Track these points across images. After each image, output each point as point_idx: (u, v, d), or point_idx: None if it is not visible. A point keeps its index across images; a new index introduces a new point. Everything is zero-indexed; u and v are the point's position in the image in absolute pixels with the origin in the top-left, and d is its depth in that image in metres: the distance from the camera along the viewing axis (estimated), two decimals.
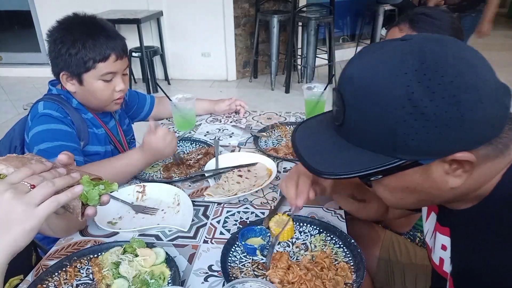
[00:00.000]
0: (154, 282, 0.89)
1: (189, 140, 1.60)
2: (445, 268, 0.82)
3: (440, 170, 0.63)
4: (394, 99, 0.58)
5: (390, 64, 0.60)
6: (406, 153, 0.61)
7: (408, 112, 0.58)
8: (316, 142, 0.73)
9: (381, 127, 0.61)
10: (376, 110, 0.60)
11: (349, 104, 0.64)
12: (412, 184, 0.66)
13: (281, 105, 4.41)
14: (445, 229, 0.80)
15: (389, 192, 0.71)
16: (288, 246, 1.03)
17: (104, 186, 0.78)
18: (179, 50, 5.15)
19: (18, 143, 1.41)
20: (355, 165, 0.64)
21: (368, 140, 0.64)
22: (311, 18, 4.51)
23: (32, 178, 0.69)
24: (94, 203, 0.77)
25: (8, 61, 5.62)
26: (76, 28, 1.29)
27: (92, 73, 1.30)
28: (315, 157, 0.69)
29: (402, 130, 0.59)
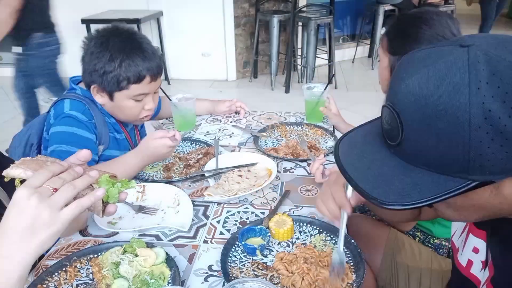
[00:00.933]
0: (154, 282, 0.89)
1: (189, 140, 1.60)
2: (472, 271, 0.80)
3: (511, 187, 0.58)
4: (469, 120, 0.53)
5: (458, 78, 0.54)
6: (480, 174, 0.55)
7: (484, 132, 0.52)
8: (370, 165, 0.65)
9: (451, 149, 0.55)
10: (445, 130, 0.55)
11: (409, 124, 0.58)
12: (481, 202, 0.61)
13: (281, 105, 4.40)
14: (481, 232, 0.77)
15: (453, 211, 0.66)
16: (288, 246, 1.03)
17: (121, 183, 0.79)
18: (179, 50, 5.15)
19: (35, 141, 1.41)
20: (423, 192, 0.57)
21: (434, 162, 0.58)
22: (311, 18, 4.51)
23: (52, 181, 0.70)
24: (114, 201, 0.79)
25: (8, 61, 5.61)
26: (114, 43, 1.27)
27: (124, 92, 1.30)
28: (374, 184, 0.62)
29: (477, 152, 0.54)
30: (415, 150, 0.59)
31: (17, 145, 1.42)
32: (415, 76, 0.58)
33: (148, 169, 1.41)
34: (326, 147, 1.55)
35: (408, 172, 0.60)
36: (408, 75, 0.59)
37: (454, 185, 0.56)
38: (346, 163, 0.67)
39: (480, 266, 0.78)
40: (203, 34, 5.00)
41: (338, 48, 5.73)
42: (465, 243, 0.83)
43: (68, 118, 1.29)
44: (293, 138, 1.62)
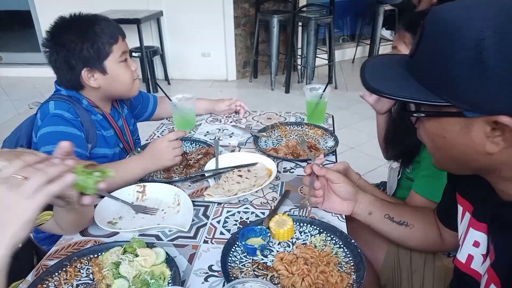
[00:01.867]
0: (154, 282, 0.89)
1: (189, 140, 1.60)
2: (473, 266, 0.80)
3: (481, 131, 0.62)
4: (463, 39, 0.58)
5: (477, 5, 0.60)
6: (453, 97, 0.61)
7: (470, 56, 0.57)
8: (384, 69, 0.75)
9: (439, 63, 0.62)
10: (442, 44, 0.61)
11: (425, 36, 0.66)
12: (450, 135, 0.66)
13: (281, 105, 4.41)
14: (481, 225, 0.78)
15: (428, 137, 0.72)
16: (288, 246, 1.03)
17: (100, 173, 0.78)
18: (179, 50, 5.15)
19: (24, 142, 1.41)
20: (403, 92, 0.66)
21: (425, 75, 0.65)
22: (311, 18, 4.51)
23: (24, 170, 0.69)
24: (91, 192, 0.77)
25: (8, 61, 5.62)
26: (78, 25, 1.32)
27: (111, 57, 1.35)
28: (375, 78, 0.72)
29: (457, 72, 0.59)
30: (418, 63, 0.67)
31: (7, 148, 1.42)
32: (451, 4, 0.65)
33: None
34: (326, 147, 1.55)
35: (405, 80, 0.69)
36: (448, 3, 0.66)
37: (429, 97, 0.64)
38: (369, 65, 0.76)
39: (481, 259, 0.78)
40: (203, 34, 5.00)
41: (338, 48, 5.74)
42: (465, 239, 0.83)
43: (54, 118, 1.30)
44: (293, 138, 1.62)
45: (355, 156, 3.11)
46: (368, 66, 0.76)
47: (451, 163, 0.73)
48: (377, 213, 1.07)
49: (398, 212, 1.07)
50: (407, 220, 1.06)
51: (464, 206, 0.87)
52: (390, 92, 0.67)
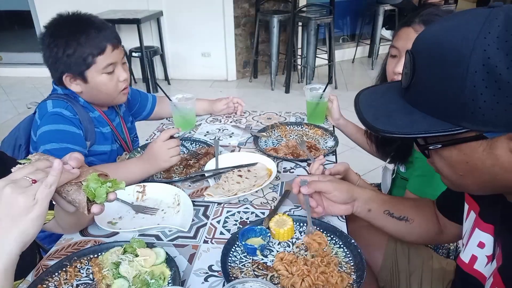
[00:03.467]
0: (154, 282, 0.89)
1: (189, 140, 1.60)
2: (476, 266, 0.79)
3: (505, 147, 0.60)
4: (468, 61, 0.56)
5: (471, 26, 0.57)
6: (471, 122, 0.58)
7: (480, 78, 0.55)
8: (380, 104, 0.72)
9: (448, 91, 0.58)
10: (446, 72, 0.58)
11: (420, 67, 0.63)
12: (474, 160, 0.63)
13: (281, 105, 4.41)
14: (488, 226, 0.77)
15: (448, 167, 0.68)
16: (288, 246, 1.03)
17: (111, 184, 0.79)
18: (179, 50, 5.15)
19: (23, 141, 1.41)
20: (416, 128, 0.63)
21: (433, 105, 0.62)
22: (311, 18, 4.51)
23: (34, 173, 0.72)
24: (101, 201, 0.79)
25: (8, 61, 5.63)
26: (64, 28, 1.29)
27: (93, 68, 1.30)
28: (377, 117, 0.68)
29: (470, 96, 0.56)
30: (420, 94, 0.64)
31: (6, 148, 1.42)
32: (435, 26, 0.63)
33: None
34: (326, 147, 1.55)
35: (410, 113, 0.65)
36: (435, 22, 0.65)
37: (445, 127, 0.60)
38: (363, 101, 0.74)
39: (485, 260, 0.78)
40: (203, 34, 5.00)
41: (338, 48, 5.74)
42: (469, 239, 0.82)
43: (53, 116, 1.30)
44: (293, 138, 1.62)
45: (355, 156, 3.11)
46: (362, 104, 0.73)
47: (475, 186, 0.70)
48: (377, 209, 1.06)
49: (397, 207, 1.06)
50: (407, 215, 1.05)
51: (470, 205, 0.86)
52: (401, 131, 0.64)
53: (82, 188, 0.78)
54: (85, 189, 0.78)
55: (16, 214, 0.67)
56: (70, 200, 0.79)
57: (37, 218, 0.69)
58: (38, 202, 0.69)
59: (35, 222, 0.69)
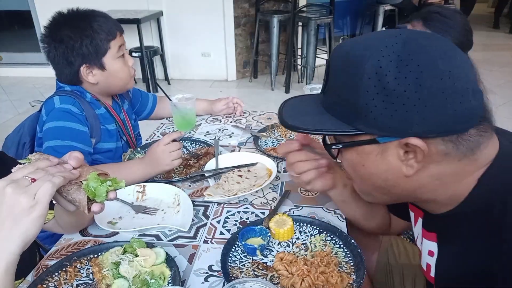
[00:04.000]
0: (154, 282, 0.89)
1: (189, 140, 1.60)
2: (432, 274, 0.81)
3: (395, 154, 0.65)
4: (364, 69, 0.62)
5: (375, 40, 0.64)
6: (365, 125, 0.64)
7: (372, 84, 0.61)
8: (301, 107, 0.78)
9: (347, 95, 0.65)
10: (347, 77, 0.65)
11: (331, 71, 0.69)
12: (369, 163, 0.69)
13: None
14: (431, 235, 0.80)
15: (350, 168, 0.75)
16: (288, 246, 1.03)
17: (111, 182, 0.79)
18: (179, 50, 5.14)
19: (27, 139, 1.42)
20: (318, 126, 0.70)
21: (338, 108, 0.68)
22: (311, 18, 4.51)
23: (34, 172, 0.72)
24: (101, 200, 0.79)
25: (8, 61, 5.62)
26: (76, 21, 1.32)
27: (109, 53, 1.36)
28: (293, 116, 0.75)
29: (364, 100, 0.62)
30: (329, 97, 0.71)
31: (10, 145, 1.43)
32: (352, 40, 0.70)
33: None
34: None
35: (321, 115, 0.72)
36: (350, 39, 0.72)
37: (344, 127, 0.67)
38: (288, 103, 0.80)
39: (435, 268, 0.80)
40: (203, 34, 5.00)
41: None
42: (422, 248, 0.85)
43: (60, 112, 1.31)
44: (293, 138, 1.62)
45: None
46: (286, 105, 0.79)
47: (376, 192, 0.76)
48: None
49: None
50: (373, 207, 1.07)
51: (416, 212, 0.89)
52: (306, 127, 0.71)
53: (82, 187, 0.78)
54: (85, 188, 0.78)
55: (17, 214, 0.67)
56: (70, 199, 0.79)
57: (38, 218, 0.69)
58: (39, 202, 0.69)
59: (36, 222, 0.69)
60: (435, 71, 0.59)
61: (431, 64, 0.60)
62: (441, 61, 0.60)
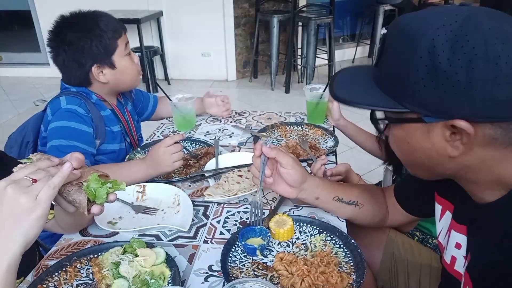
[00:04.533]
0: (154, 282, 0.88)
1: (189, 140, 1.60)
2: (456, 267, 0.81)
3: (440, 135, 0.64)
4: (417, 46, 0.60)
5: (434, 16, 0.62)
6: (412, 103, 0.64)
7: (423, 63, 0.60)
8: (353, 77, 0.78)
9: (398, 71, 0.64)
10: (400, 53, 0.63)
11: (387, 45, 0.68)
12: (414, 141, 0.69)
13: (281, 105, 4.40)
14: (461, 227, 0.79)
15: (395, 144, 0.75)
16: (288, 246, 1.03)
17: (112, 184, 0.79)
18: (179, 50, 5.15)
19: (31, 139, 1.42)
20: (366, 100, 0.69)
21: (387, 83, 0.67)
22: (311, 18, 4.51)
23: (35, 173, 0.72)
24: (102, 201, 0.79)
25: (8, 61, 5.62)
26: (81, 22, 1.34)
27: (118, 52, 1.38)
28: (342, 87, 0.74)
29: (413, 79, 0.61)
30: (381, 71, 0.70)
31: (13, 144, 1.43)
32: (412, 13, 0.67)
33: None
34: (326, 147, 1.55)
35: (370, 88, 0.71)
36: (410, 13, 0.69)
37: (391, 104, 0.66)
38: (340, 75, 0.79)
39: (462, 261, 0.79)
40: (203, 34, 5.00)
41: (338, 48, 5.73)
42: (449, 240, 0.84)
43: (66, 113, 1.31)
44: (293, 138, 1.62)
45: (355, 156, 3.11)
46: (338, 76, 0.78)
47: (419, 168, 0.75)
48: (325, 196, 1.05)
49: (347, 193, 1.06)
50: (357, 200, 1.06)
51: (444, 205, 0.88)
52: (355, 100, 0.70)
53: (82, 188, 0.78)
54: (86, 189, 0.78)
55: (18, 214, 0.68)
56: (70, 200, 0.79)
57: (39, 218, 0.69)
58: (41, 202, 0.69)
59: (37, 222, 0.69)
60: (491, 55, 0.57)
61: (488, 47, 0.57)
62: (499, 45, 0.57)
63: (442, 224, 0.89)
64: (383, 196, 1.12)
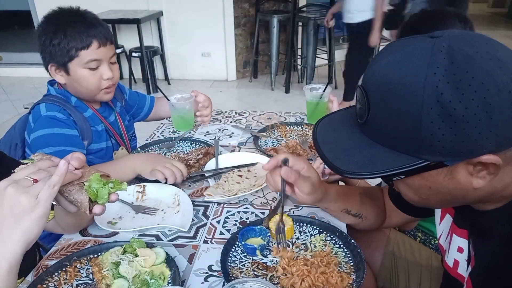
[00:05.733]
0: (154, 282, 0.89)
1: (189, 140, 1.60)
2: (459, 271, 0.81)
3: (465, 172, 0.62)
4: (422, 99, 0.56)
5: (418, 62, 0.58)
6: (431, 154, 0.59)
7: (436, 113, 0.56)
8: (338, 139, 0.72)
9: (406, 127, 0.59)
10: (402, 109, 0.59)
11: (374, 102, 0.63)
12: (436, 185, 0.65)
13: (281, 105, 4.41)
14: (462, 231, 0.79)
15: (412, 192, 0.70)
16: (288, 246, 1.03)
17: (113, 184, 0.80)
18: (179, 50, 5.15)
19: (18, 140, 1.42)
20: (378, 165, 0.63)
21: (393, 140, 0.62)
22: (311, 18, 4.52)
23: (35, 173, 0.72)
24: (103, 201, 0.79)
25: (8, 61, 5.63)
26: (57, 19, 1.32)
27: (76, 61, 1.31)
28: (337, 154, 0.68)
29: (428, 131, 0.57)
30: (377, 128, 0.64)
31: (2, 148, 1.43)
32: (383, 60, 0.63)
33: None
34: None
35: (369, 148, 0.65)
36: (381, 57, 0.65)
37: (407, 162, 0.61)
38: (320, 136, 0.74)
39: (465, 265, 0.79)
40: (203, 34, 5.00)
41: (338, 48, 5.72)
42: (450, 244, 0.84)
43: (46, 120, 1.31)
44: (293, 138, 1.62)
45: None
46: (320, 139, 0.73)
47: (435, 204, 0.74)
48: (335, 208, 1.06)
49: (355, 205, 1.07)
50: (362, 212, 1.07)
51: (443, 209, 0.88)
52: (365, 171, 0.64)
53: (84, 188, 0.78)
54: (87, 189, 0.78)
55: (19, 214, 0.68)
56: (72, 199, 0.79)
57: (40, 217, 0.69)
58: (41, 202, 0.69)
59: (38, 221, 0.69)
60: (500, 84, 0.55)
61: (494, 78, 0.55)
62: (500, 71, 0.55)
63: (442, 227, 0.89)
64: (383, 198, 1.12)
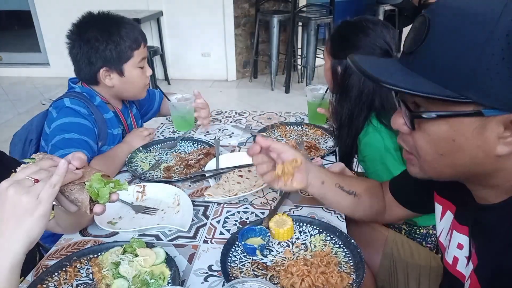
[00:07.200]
0: (154, 282, 0.89)
1: (189, 140, 1.60)
2: (459, 268, 0.80)
3: (494, 131, 0.57)
4: (494, 28, 0.53)
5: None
6: (477, 92, 0.55)
7: (500, 48, 0.52)
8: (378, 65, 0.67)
9: (463, 57, 0.55)
10: (466, 37, 0.55)
11: (436, 29, 0.59)
12: (461, 138, 0.60)
13: (281, 105, 4.40)
14: (463, 228, 0.78)
15: (431, 143, 0.64)
16: (288, 246, 1.03)
17: (114, 184, 0.80)
18: (179, 50, 5.15)
19: (34, 136, 1.45)
20: (419, 88, 0.58)
21: (440, 71, 0.58)
22: (311, 18, 4.51)
23: (37, 173, 0.72)
24: (104, 201, 0.80)
25: (8, 61, 5.62)
26: (104, 24, 1.36)
27: (131, 62, 1.39)
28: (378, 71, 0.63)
29: (485, 65, 0.53)
30: (426, 58, 0.59)
31: (17, 141, 1.46)
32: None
33: (148, 168, 1.41)
34: (326, 147, 1.55)
35: (411, 75, 0.60)
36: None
37: (449, 94, 0.57)
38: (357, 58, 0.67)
39: (465, 262, 0.79)
40: (203, 34, 5.00)
41: None
42: (450, 241, 0.83)
43: (70, 110, 1.35)
44: (293, 138, 1.62)
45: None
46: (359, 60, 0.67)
47: (449, 169, 0.66)
48: (329, 182, 1.05)
49: (347, 182, 1.07)
50: (356, 190, 1.06)
51: (445, 205, 0.87)
52: (402, 85, 0.58)
53: (85, 188, 0.78)
54: (88, 189, 0.78)
55: (20, 214, 0.68)
56: (72, 199, 0.79)
57: (41, 217, 0.69)
58: (42, 202, 0.69)
59: (40, 221, 0.69)
60: None
61: None
62: None
63: (443, 224, 0.89)
64: (381, 190, 1.11)
